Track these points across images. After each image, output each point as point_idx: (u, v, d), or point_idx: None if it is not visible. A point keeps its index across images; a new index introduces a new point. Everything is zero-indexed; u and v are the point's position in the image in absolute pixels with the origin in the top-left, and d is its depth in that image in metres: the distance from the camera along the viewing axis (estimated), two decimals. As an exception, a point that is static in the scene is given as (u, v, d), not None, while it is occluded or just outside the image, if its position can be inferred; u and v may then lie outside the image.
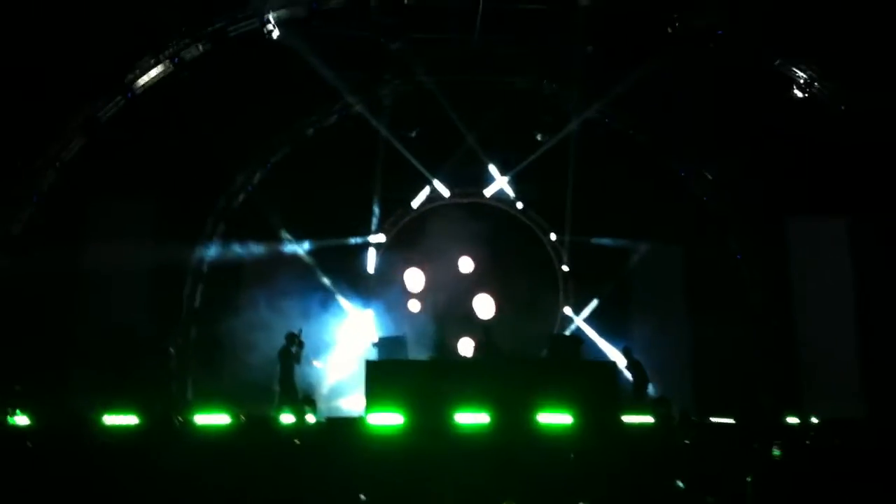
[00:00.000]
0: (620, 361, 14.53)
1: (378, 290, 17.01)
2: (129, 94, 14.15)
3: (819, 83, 14.60)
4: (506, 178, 17.27)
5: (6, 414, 10.83)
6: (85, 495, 9.74)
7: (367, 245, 17.06)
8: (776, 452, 9.74)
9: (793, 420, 12.28)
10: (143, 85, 14.21)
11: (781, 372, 15.32)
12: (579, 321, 17.11)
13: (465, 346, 16.15)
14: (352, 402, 12.66)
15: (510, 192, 17.52)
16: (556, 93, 16.56)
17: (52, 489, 9.49)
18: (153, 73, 14.22)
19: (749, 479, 8.97)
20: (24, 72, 12.66)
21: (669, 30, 14.21)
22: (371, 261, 17.23)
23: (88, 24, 12.85)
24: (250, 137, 15.71)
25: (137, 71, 14.17)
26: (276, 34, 14.00)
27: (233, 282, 15.59)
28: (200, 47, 14.22)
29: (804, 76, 14.63)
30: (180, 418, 10.93)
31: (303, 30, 14.14)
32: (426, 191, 17.38)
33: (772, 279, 16.13)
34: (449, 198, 17.51)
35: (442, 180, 17.22)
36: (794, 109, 14.73)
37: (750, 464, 9.94)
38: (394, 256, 17.32)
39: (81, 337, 14.06)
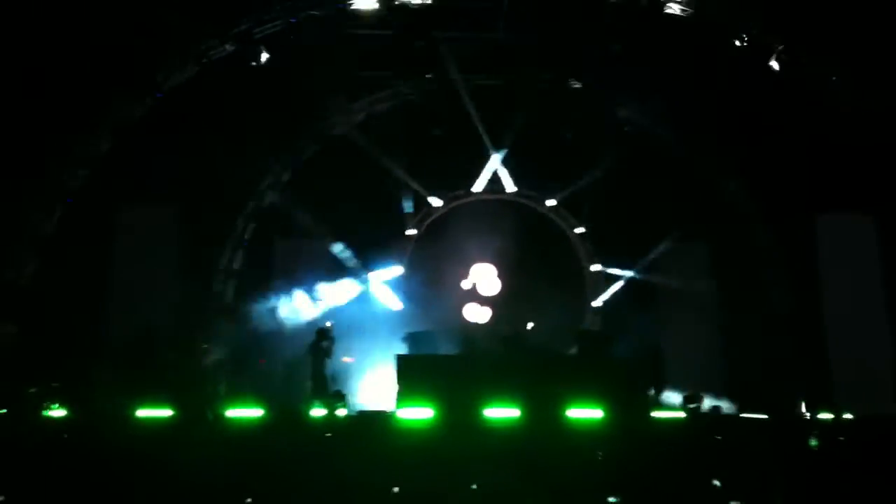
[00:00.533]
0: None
1: (409, 285, 17.11)
2: (159, 95, 14.33)
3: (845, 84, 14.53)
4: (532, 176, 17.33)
5: (43, 408, 10.97)
6: (119, 486, 9.86)
7: (398, 241, 17.18)
8: (813, 443, 9.69)
9: (826, 416, 12.18)
10: (172, 85, 14.36)
11: (813, 369, 15.18)
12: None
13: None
14: (383, 397, 12.69)
15: (535, 190, 17.56)
16: (582, 91, 16.55)
17: (86, 480, 9.60)
18: (181, 73, 14.38)
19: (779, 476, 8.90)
20: (53, 71, 12.81)
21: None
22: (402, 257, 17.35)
23: (116, 24, 12.99)
24: (278, 138, 15.84)
25: (166, 72, 14.34)
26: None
27: (264, 279, 15.70)
28: (228, 48, 14.35)
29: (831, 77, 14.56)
30: (213, 412, 11.01)
31: (328, 29, 14.23)
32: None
33: (801, 276, 16.02)
34: (476, 194, 17.58)
35: (468, 177, 17.24)
36: (822, 107, 14.63)
37: (784, 459, 9.89)
38: (424, 252, 17.40)
39: (115, 335, 14.24)
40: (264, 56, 14.20)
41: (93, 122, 14.18)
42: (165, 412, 11.09)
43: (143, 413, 11.10)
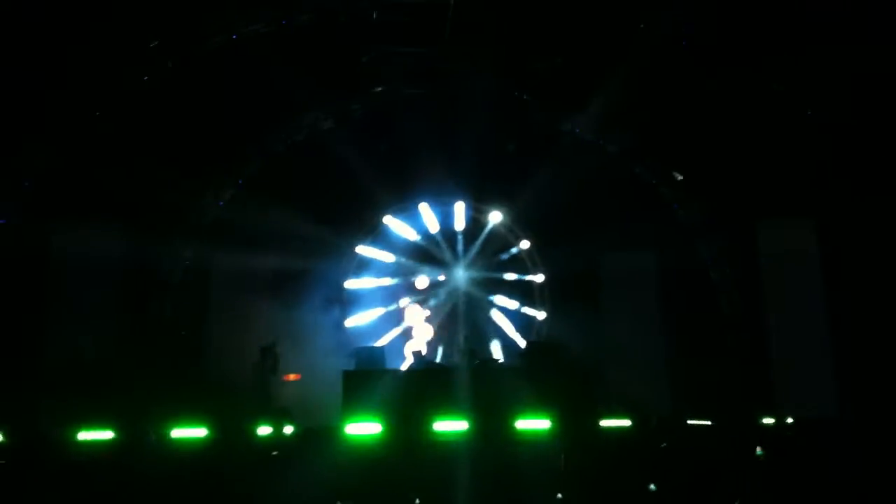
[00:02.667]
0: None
1: (354, 302, 17.08)
2: (99, 110, 14.13)
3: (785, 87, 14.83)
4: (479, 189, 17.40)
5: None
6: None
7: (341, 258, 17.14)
8: (759, 452, 9.86)
9: (768, 420, 12.40)
10: (110, 102, 14.18)
11: (756, 374, 15.42)
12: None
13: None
14: (329, 413, 12.62)
15: (483, 203, 17.65)
16: (528, 103, 16.66)
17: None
18: (119, 90, 14.19)
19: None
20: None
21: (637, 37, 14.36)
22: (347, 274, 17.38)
23: (52, 37, 12.78)
24: (221, 153, 15.70)
25: (103, 88, 14.15)
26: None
27: (204, 296, 15.51)
28: (169, 63, 14.21)
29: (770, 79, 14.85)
30: (155, 432, 10.84)
31: (271, 45, 14.15)
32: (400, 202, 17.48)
33: (743, 282, 16.29)
34: (423, 209, 17.63)
35: (415, 192, 17.27)
36: (762, 114, 14.90)
37: (731, 464, 10.05)
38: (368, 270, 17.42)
39: (51, 355, 13.93)
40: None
41: (27, 140, 13.90)
42: (107, 434, 10.91)
43: (84, 436, 10.90)
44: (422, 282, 17.58)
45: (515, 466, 11.57)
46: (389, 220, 17.55)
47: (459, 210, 17.65)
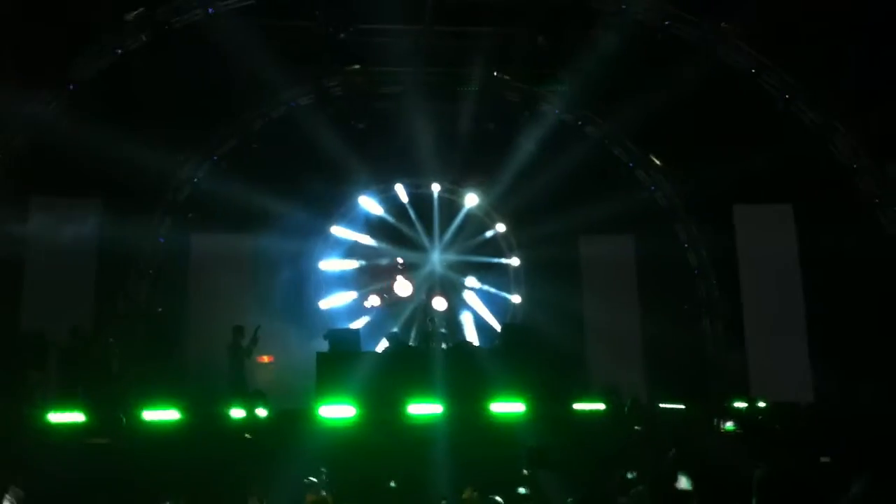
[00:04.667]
0: None
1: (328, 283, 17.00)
2: (72, 87, 13.93)
3: (765, 73, 14.87)
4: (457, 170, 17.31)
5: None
6: (32, 494, 9.59)
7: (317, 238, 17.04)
8: (730, 427, 9.93)
9: (740, 404, 12.48)
10: (86, 77, 13.97)
11: (730, 358, 15.50)
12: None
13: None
14: (303, 396, 12.56)
15: (460, 185, 17.58)
16: (507, 83, 16.57)
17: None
18: (95, 64, 13.99)
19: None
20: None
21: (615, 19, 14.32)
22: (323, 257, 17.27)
23: (28, 14, 12.57)
24: (196, 130, 15.50)
25: (80, 63, 13.94)
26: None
27: (181, 276, 15.35)
28: (144, 38, 14.00)
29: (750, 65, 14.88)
30: (125, 415, 10.76)
31: (249, 21, 13.96)
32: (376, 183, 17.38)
33: (720, 266, 16.34)
34: (399, 190, 17.54)
35: (392, 172, 17.17)
36: (741, 99, 14.92)
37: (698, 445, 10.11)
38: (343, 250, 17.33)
39: (26, 336, 13.75)
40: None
41: (5, 117, 13.68)
42: (78, 416, 10.80)
43: (55, 417, 10.79)
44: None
45: (490, 449, 11.64)
46: (365, 201, 17.44)
47: (435, 192, 17.55)
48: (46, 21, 12.91)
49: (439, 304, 16.98)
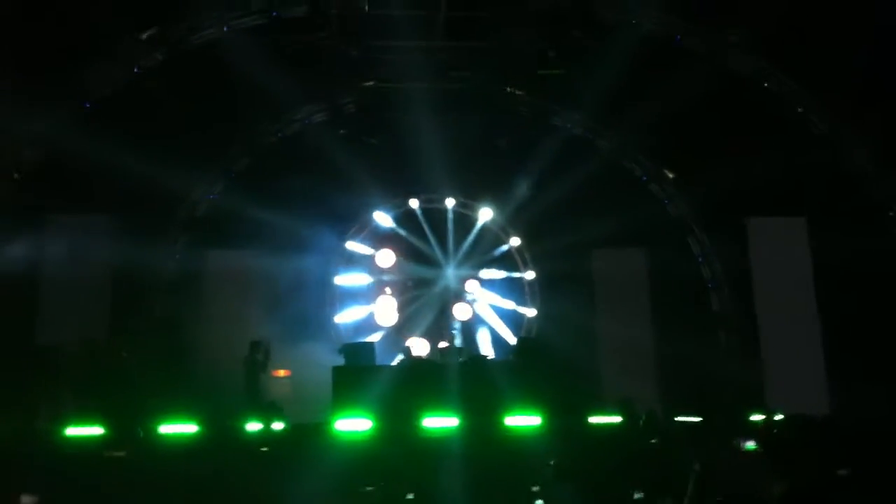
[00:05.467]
0: None
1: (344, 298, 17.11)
2: (87, 104, 14.08)
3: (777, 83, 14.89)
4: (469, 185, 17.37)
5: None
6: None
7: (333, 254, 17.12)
8: (751, 447, 9.85)
9: (757, 417, 12.40)
10: (101, 93, 14.12)
11: (745, 371, 15.45)
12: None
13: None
14: (319, 410, 12.58)
15: (474, 199, 17.63)
16: (519, 98, 16.64)
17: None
18: (110, 81, 14.15)
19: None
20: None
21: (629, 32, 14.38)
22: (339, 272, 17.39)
23: (42, 30, 12.70)
24: (211, 147, 15.62)
25: (95, 79, 14.10)
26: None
27: (196, 291, 15.45)
28: (159, 56, 14.15)
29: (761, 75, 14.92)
30: (143, 428, 10.78)
31: (262, 38, 14.10)
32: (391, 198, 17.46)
33: (734, 279, 16.32)
34: (413, 206, 17.61)
35: (406, 187, 17.24)
36: (753, 110, 14.94)
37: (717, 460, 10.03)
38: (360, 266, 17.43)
39: (43, 353, 13.84)
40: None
41: (20, 131, 13.82)
42: (96, 430, 10.83)
43: (72, 431, 10.82)
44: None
45: (505, 462, 11.59)
46: (379, 216, 17.51)
47: (449, 206, 17.61)
48: (61, 37, 13.02)
49: (462, 312, 17.02)
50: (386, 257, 17.48)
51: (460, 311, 17.15)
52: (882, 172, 15.00)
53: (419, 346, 16.63)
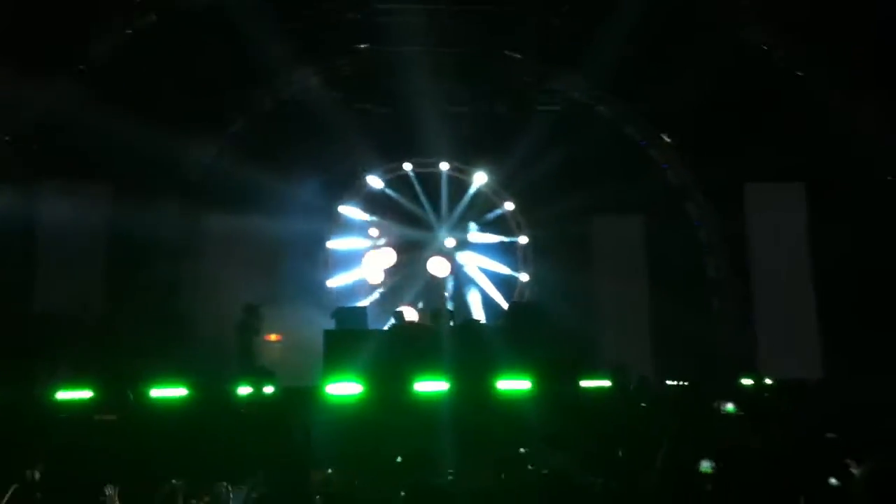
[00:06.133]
0: None
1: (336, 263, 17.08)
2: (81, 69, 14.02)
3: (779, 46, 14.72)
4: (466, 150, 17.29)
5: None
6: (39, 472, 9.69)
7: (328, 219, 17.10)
8: (730, 409, 9.85)
9: (747, 381, 12.42)
10: (95, 58, 14.05)
11: (739, 336, 15.47)
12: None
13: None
14: (311, 374, 12.65)
15: (468, 163, 17.55)
16: (520, 64, 16.50)
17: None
18: (104, 46, 14.06)
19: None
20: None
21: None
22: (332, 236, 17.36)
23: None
24: (207, 110, 15.55)
25: (88, 44, 14.01)
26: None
27: (190, 256, 15.47)
28: (154, 17, 14.05)
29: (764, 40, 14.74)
30: (133, 392, 10.84)
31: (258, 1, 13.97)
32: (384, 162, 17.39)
33: (730, 245, 16.27)
34: (408, 169, 17.55)
35: (400, 151, 17.18)
36: (754, 75, 14.78)
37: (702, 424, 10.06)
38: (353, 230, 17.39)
39: (37, 317, 13.92)
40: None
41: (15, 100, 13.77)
42: (85, 393, 10.91)
43: (62, 395, 10.91)
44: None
45: (496, 425, 11.64)
46: (373, 180, 17.47)
47: (444, 170, 17.54)
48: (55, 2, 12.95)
49: (441, 268, 17.04)
50: (380, 229, 17.47)
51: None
52: (883, 139, 14.84)
53: (410, 311, 16.70)
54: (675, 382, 12.46)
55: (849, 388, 12.35)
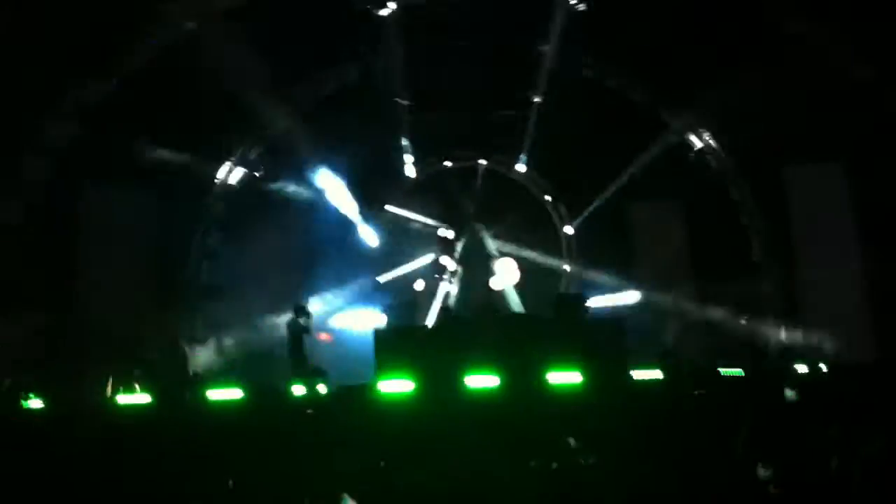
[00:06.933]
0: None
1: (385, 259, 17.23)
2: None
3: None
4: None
5: (20, 399, 10.86)
6: (101, 474, 9.83)
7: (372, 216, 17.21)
8: (789, 394, 9.76)
9: (802, 368, 12.30)
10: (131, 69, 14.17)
11: (789, 322, 15.33)
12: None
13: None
14: (362, 372, 12.72)
15: (508, 156, 17.51)
16: (551, 53, 16.40)
17: (67, 470, 9.56)
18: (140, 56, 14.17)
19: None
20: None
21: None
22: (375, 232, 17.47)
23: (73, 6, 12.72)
24: (246, 112, 15.62)
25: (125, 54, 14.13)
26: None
27: (239, 261, 15.57)
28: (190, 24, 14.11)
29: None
30: (192, 394, 10.97)
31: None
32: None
33: (773, 227, 16.12)
34: (448, 163, 17.54)
35: (437, 144, 17.18)
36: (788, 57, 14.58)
37: (759, 412, 9.97)
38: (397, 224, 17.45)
39: (91, 320, 14.07)
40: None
41: (56, 109, 13.92)
42: (144, 398, 11.05)
43: (122, 400, 11.06)
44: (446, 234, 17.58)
45: (546, 418, 11.62)
46: (412, 174, 17.50)
47: (482, 164, 17.52)
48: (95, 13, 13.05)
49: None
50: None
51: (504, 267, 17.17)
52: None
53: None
54: (729, 370, 12.35)
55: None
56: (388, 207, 17.52)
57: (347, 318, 14.93)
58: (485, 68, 15.95)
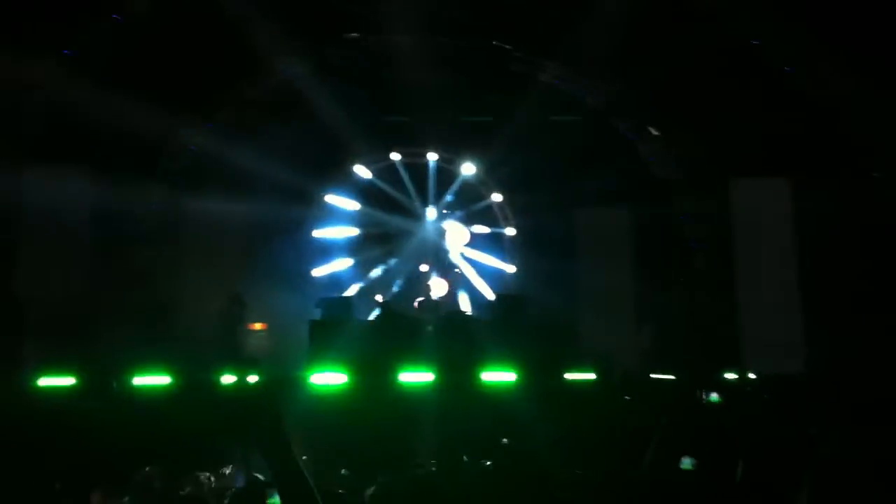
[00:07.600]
0: None
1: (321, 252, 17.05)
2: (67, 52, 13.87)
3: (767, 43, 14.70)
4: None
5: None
6: (20, 460, 9.61)
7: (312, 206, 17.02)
8: (714, 399, 9.90)
9: (731, 375, 12.49)
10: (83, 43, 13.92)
11: (723, 330, 15.50)
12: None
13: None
14: (295, 363, 12.62)
15: (456, 154, 17.52)
16: (510, 55, 16.44)
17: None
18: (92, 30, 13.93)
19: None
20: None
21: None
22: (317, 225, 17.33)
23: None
24: (193, 97, 15.41)
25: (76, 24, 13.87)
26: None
27: (174, 243, 15.36)
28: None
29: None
30: (118, 380, 10.78)
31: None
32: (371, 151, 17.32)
33: (715, 239, 16.31)
34: (395, 159, 17.49)
35: (388, 141, 17.11)
36: (740, 71, 14.77)
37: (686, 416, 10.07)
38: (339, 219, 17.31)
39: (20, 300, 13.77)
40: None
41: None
42: (69, 380, 10.82)
43: (44, 382, 10.81)
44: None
45: (480, 418, 11.64)
46: (359, 169, 17.41)
47: (431, 160, 17.49)
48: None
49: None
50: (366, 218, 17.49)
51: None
52: (867, 134, 14.87)
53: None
54: (661, 376, 12.50)
55: (831, 384, 12.41)
56: (329, 198, 17.37)
57: (284, 310, 14.76)
58: (439, 64, 15.95)
